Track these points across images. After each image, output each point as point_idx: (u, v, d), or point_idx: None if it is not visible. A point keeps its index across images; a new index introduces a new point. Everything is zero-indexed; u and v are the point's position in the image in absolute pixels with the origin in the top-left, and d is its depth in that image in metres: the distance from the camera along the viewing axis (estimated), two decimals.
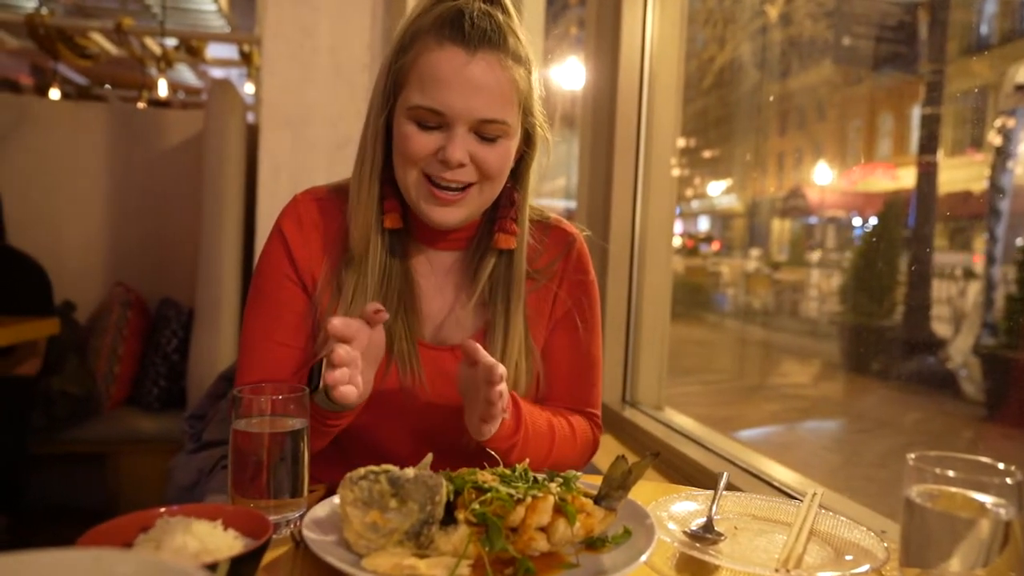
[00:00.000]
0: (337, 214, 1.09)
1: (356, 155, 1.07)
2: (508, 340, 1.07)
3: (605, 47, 2.27)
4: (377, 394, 1.00)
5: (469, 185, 1.01)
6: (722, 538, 0.84)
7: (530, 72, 1.02)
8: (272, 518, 0.76)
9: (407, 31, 1.01)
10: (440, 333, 1.11)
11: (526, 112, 1.04)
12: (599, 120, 2.30)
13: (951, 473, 0.67)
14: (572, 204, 2.64)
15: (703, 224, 18.28)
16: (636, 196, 2.25)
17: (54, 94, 4.60)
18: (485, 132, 0.98)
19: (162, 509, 0.73)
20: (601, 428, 1.20)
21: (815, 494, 0.96)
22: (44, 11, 3.80)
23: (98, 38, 5.24)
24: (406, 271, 1.09)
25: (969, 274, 7.27)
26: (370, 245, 1.05)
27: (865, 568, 0.78)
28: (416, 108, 0.97)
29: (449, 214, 1.02)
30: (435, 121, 0.97)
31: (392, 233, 1.07)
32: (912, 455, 0.69)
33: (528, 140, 1.07)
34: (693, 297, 12.25)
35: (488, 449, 0.98)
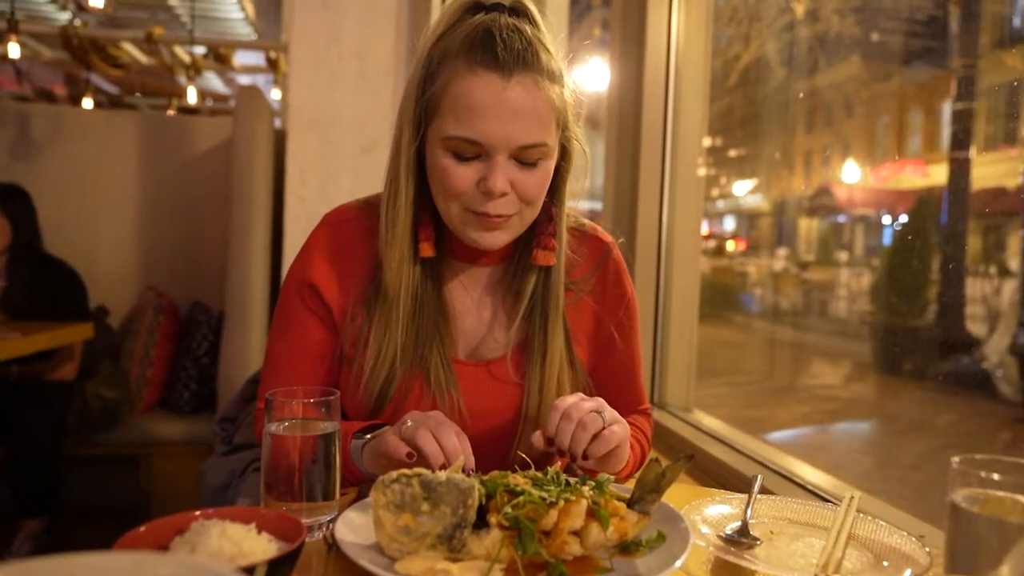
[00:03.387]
0: (366, 235, 1.07)
1: (385, 185, 1.03)
2: (547, 356, 1.06)
3: (630, 47, 2.25)
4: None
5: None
6: (758, 542, 0.83)
7: (564, 86, 0.99)
8: (304, 521, 0.76)
9: (433, 54, 0.96)
10: (477, 350, 1.10)
11: (563, 128, 1.00)
12: (625, 121, 2.28)
13: (997, 476, 0.65)
14: (596, 205, 2.62)
15: (729, 224, 18.10)
16: (663, 197, 2.23)
17: (87, 103, 4.69)
18: (525, 157, 0.95)
19: (197, 512, 0.74)
20: (652, 417, 1.23)
21: (852, 497, 0.94)
22: (77, 23, 3.87)
23: (129, 48, 5.35)
24: (439, 295, 1.06)
25: (1004, 271, 7.11)
26: (403, 278, 1.02)
27: (907, 574, 0.77)
28: (452, 139, 0.93)
29: (496, 238, 0.99)
30: (473, 151, 0.94)
31: (425, 260, 1.04)
32: (956, 458, 0.67)
33: (564, 153, 1.04)
34: (720, 298, 12.13)
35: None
